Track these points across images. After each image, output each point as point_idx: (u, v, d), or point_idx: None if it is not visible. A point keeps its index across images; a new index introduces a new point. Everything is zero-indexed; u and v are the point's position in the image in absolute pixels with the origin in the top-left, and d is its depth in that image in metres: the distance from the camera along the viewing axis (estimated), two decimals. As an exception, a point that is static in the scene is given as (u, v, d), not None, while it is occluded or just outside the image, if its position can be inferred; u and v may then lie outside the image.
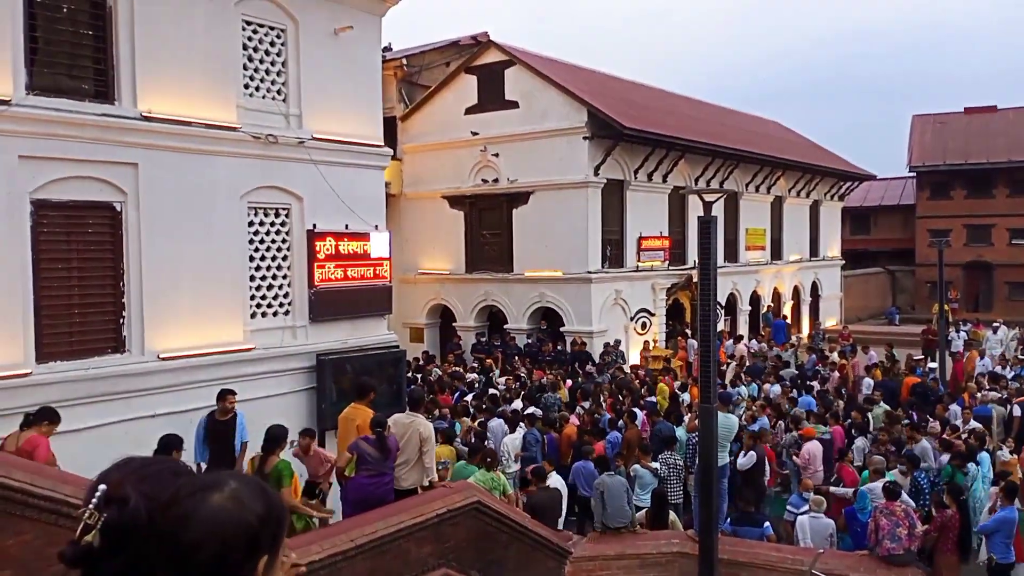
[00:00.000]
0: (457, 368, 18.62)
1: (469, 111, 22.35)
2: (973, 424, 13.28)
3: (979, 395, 15.63)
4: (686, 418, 13.48)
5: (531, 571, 9.04)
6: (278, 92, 11.86)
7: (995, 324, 24.76)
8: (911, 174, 42.19)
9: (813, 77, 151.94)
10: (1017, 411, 14.79)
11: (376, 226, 13.03)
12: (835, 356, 20.70)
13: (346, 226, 12.44)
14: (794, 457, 12.46)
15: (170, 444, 8.13)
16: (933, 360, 21.04)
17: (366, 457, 8.49)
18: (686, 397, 15.64)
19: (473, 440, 11.63)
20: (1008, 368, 19.41)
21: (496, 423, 13.13)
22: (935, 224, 39.52)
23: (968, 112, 43.05)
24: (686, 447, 12.04)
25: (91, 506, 1.46)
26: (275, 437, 8.22)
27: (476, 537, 8.52)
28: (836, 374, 18.58)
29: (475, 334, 22.29)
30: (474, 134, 22.04)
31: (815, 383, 17.37)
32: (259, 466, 8.04)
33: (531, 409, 13.87)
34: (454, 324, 23.05)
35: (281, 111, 11.85)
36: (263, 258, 11.71)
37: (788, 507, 10.93)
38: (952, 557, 9.05)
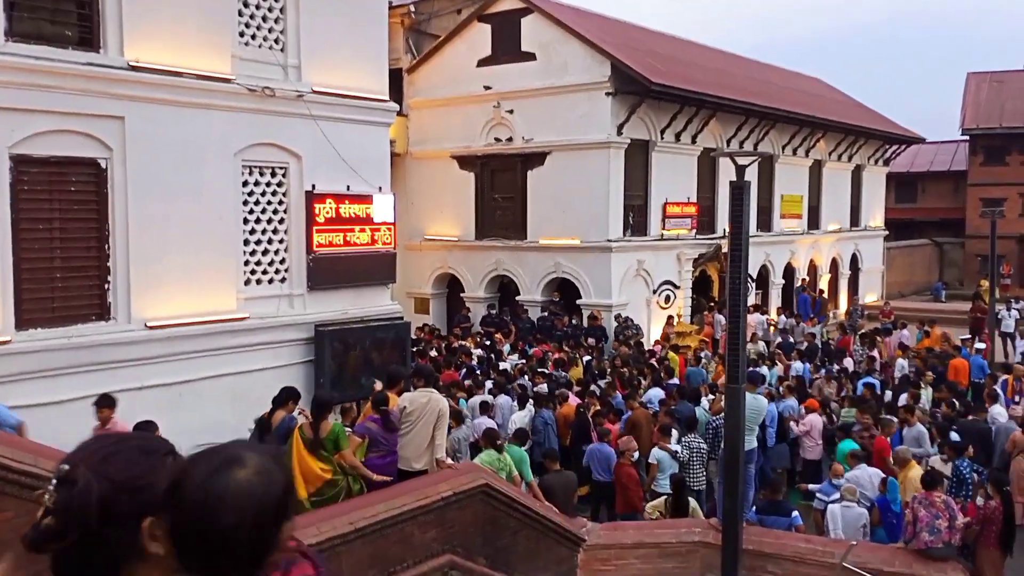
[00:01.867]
0: (464, 342, 18.71)
1: (482, 63, 22.19)
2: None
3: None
4: (704, 399, 13.54)
5: (541, 559, 9.15)
6: (276, 41, 11.82)
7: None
8: (964, 137, 41.66)
9: (860, 31, 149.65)
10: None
11: (380, 188, 13.04)
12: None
13: (347, 187, 12.46)
14: (793, 424, 12.61)
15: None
16: (981, 340, 20.93)
17: (378, 439, 8.61)
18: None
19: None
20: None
21: (504, 400, 13.22)
22: (988, 192, 39.08)
23: (1028, 70, 42.38)
24: (706, 429, 12.09)
25: (51, 487, 1.48)
26: (325, 403, 8.46)
27: (483, 522, 8.61)
28: (873, 354, 18.53)
29: (485, 306, 22.34)
30: (487, 88, 21.90)
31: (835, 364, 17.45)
32: (314, 432, 8.20)
33: (540, 387, 13.93)
34: (462, 295, 23.10)
35: (279, 62, 11.82)
36: (258, 221, 11.76)
37: (818, 495, 10.97)
38: (995, 551, 9.08)
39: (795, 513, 10.03)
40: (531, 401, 13.06)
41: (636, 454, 11.54)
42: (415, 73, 23.55)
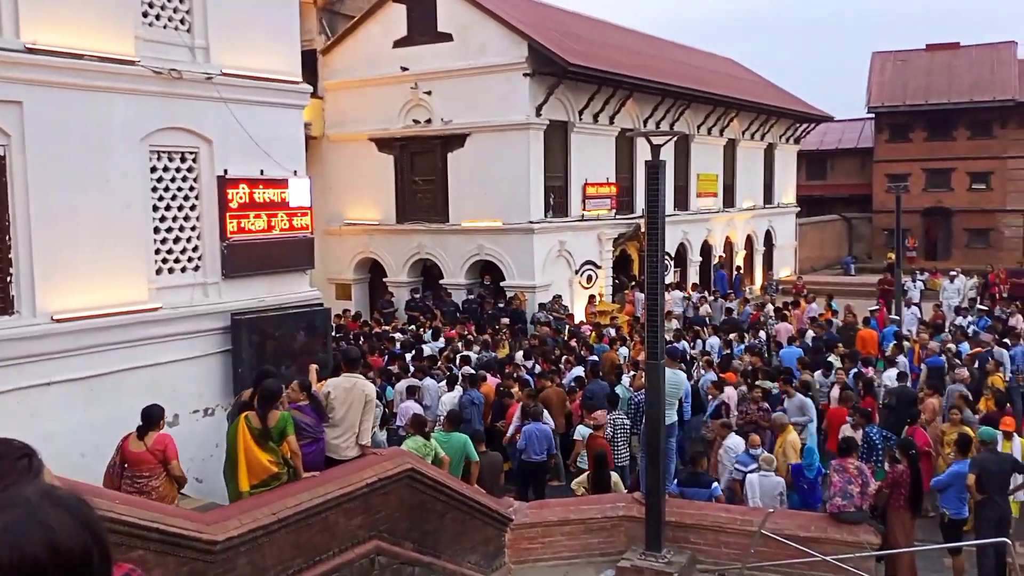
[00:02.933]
0: (387, 328, 18.57)
1: (398, 44, 21.95)
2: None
3: (930, 346, 16.25)
4: (625, 376, 13.79)
5: (469, 540, 9.20)
6: (181, 22, 11.43)
7: (952, 273, 25.72)
8: (870, 115, 43.11)
9: (769, 10, 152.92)
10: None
11: (295, 172, 12.77)
12: (769, 308, 21.42)
13: (261, 172, 12.17)
14: (710, 396, 12.95)
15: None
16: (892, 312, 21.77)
17: (302, 426, 8.43)
18: (623, 351, 15.97)
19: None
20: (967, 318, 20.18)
21: (430, 382, 13.22)
22: (893, 168, 40.59)
23: (930, 49, 43.96)
24: (628, 405, 12.32)
25: None
26: (273, 392, 8.18)
27: (410, 507, 8.60)
28: (785, 324, 19.14)
29: (408, 290, 22.20)
30: (404, 70, 21.67)
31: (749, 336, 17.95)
32: (262, 423, 7.95)
33: (466, 369, 13.98)
34: (385, 280, 22.91)
35: (185, 43, 11.44)
36: (168, 208, 11.40)
37: (736, 465, 11.28)
38: (905, 513, 9.47)
39: (715, 484, 10.31)
40: (460, 381, 13.10)
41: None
42: (330, 54, 23.14)
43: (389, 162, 22.57)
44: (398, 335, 17.61)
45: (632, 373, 13.69)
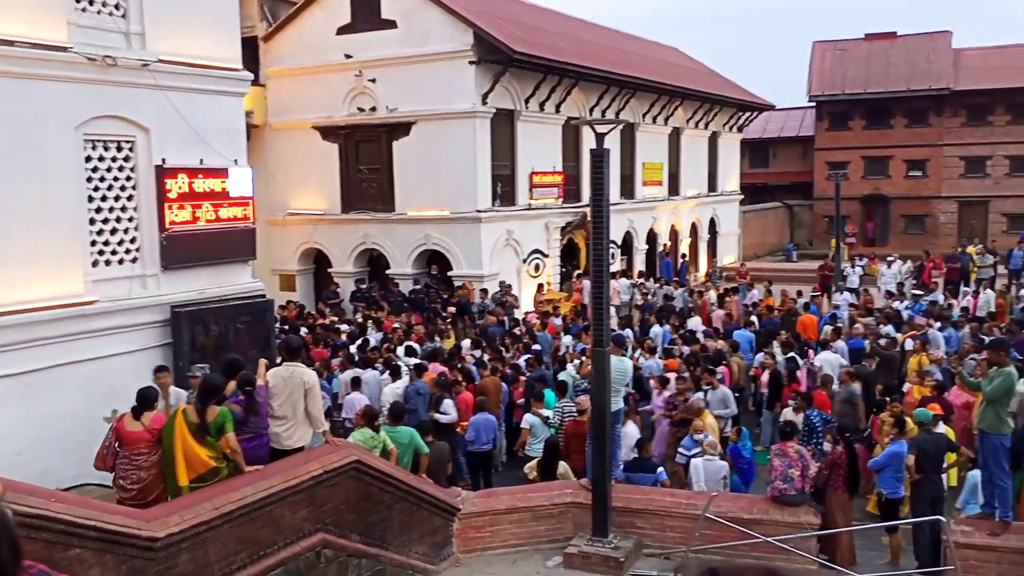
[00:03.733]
0: (333, 319, 18.39)
1: (341, 31, 21.67)
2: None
3: (856, 328, 16.69)
4: (570, 363, 13.89)
5: (417, 531, 9.19)
6: (116, 7, 11.15)
7: (889, 258, 26.37)
8: (810, 104, 43.87)
9: (711, 1, 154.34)
10: (909, 344, 15.91)
11: (236, 161, 12.57)
12: (711, 295, 21.81)
13: (201, 161, 11.95)
14: (652, 381, 13.10)
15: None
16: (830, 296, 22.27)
17: (239, 419, 8.30)
18: (567, 340, 16.03)
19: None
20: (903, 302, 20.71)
21: (370, 374, 13.15)
22: (833, 156, 41.39)
23: (868, 38, 44.83)
24: (575, 393, 12.40)
25: None
26: (213, 386, 8.03)
27: (357, 499, 8.56)
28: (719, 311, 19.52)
29: (354, 281, 22.02)
30: (347, 57, 21.41)
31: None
32: (200, 417, 7.79)
33: (413, 361, 13.93)
34: (330, 270, 22.68)
35: (120, 29, 11.16)
36: (104, 198, 11.14)
37: (680, 450, 11.44)
38: (843, 495, 9.73)
39: (660, 469, 10.45)
40: (405, 372, 13.05)
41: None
42: (271, 41, 22.75)
43: (333, 151, 22.31)
44: (343, 326, 17.45)
45: (577, 361, 13.81)
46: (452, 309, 18.79)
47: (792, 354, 14.69)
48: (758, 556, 9.03)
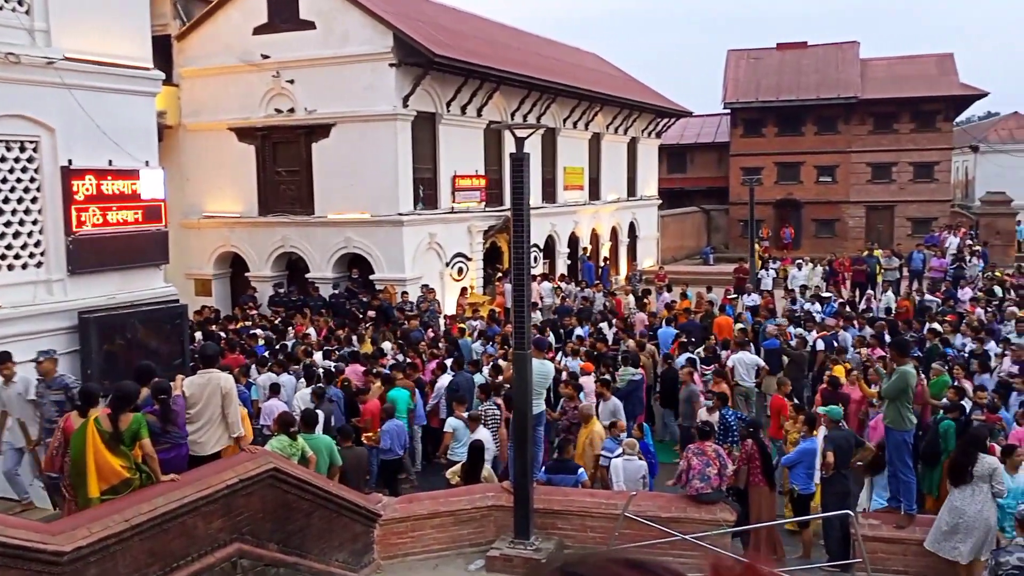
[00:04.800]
0: (245, 324, 18.01)
1: (258, 31, 21.26)
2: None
3: (768, 329, 17.18)
4: (485, 368, 13.94)
5: (337, 538, 9.06)
6: (19, 2, 10.72)
7: (799, 261, 27.24)
8: (726, 111, 44.95)
9: (633, 8, 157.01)
10: (820, 345, 16.45)
11: (147, 162, 12.21)
12: (630, 298, 22.17)
13: (110, 162, 11.57)
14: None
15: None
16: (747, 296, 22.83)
17: (154, 429, 8.04)
18: (478, 345, 16.06)
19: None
20: (812, 304, 21.37)
21: (287, 378, 12.94)
22: (748, 162, 42.48)
23: (780, 48, 46.26)
24: (502, 395, 12.42)
25: None
26: (127, 394, 7.70)
27: (274, 507, 8.39)
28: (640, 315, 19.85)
29: (272, 285, 21.61)
30: (265, 57, 21.03)
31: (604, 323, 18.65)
32: (113, 426, 7.46)
33: (326, 364, 13.78)
34: (247, 274, 22.21)
35: (23, 25, 10.73)
36: (7, 200, 10.70)
37: (602, 451, 11.58)
38: (764, 488, 9.99)
39: (581, 470, 10.54)
40: (320, 377, 12.88)
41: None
42: (185, 40, 22.18)
43: (250, 152, 21.86)
44: (259, 331, 17.12)
45: (490, 364, 13.92)
46: (372, 313, 18.62)
47: (688, 354, 15.06)
48: (676, 554, 9.19)
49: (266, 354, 14.71)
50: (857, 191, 42.65)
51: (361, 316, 18.59)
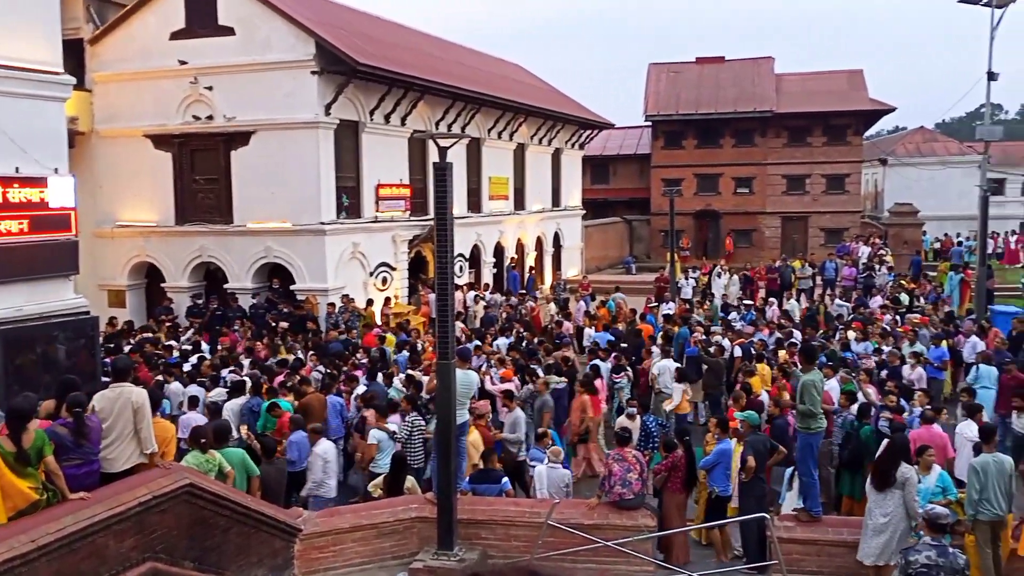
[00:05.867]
0: (158, 335, 17.53)
1: (176, 36, 20.78)
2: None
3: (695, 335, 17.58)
4: (396, 378, 13.89)
5: (255, 554, 8.87)
6: (-85, 0, 10.26)
7: (717, 270, 27.89)
8: (647, 123, 45.76)
9: (557, 21, 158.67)
10: (738, 351, 16.85)
11: (57, 169, 11.80)
12: (551, 307, 22.43)
13: (16, 169, 11.14)
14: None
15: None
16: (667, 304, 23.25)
17: (68, 445, 7.72)
18: (402, 357, 15.95)
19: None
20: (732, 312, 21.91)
21: (195, 390, 12.69)
22: (669, 173, 43.32)
23: (699, 62, 47.39)
24: (427, 406, 12.36)
25: None
26: (24, 411, 7.35)
27: (190, 524, 8.17)
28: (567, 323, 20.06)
29: (190, 296, 21.08)
30: (182, 63, 20.56)
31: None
32: (16, 446, 7.06)
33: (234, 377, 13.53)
34: (163, 285, 21.62)
35: (-80, 24, 10.26)
36: (-98, 208, 10.19)
37: (529, 459, 11.63)
38: (680, 496, 10.18)
39: (504, 479, 10.55)
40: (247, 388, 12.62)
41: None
42: (99, 44, 21.53)
43: (167, 160, 21.31)
44: (173, 343, 16.68)
45: (403, 376, 13.88)
46: (284, 324, 18.29)
47: (595, 362, 15.32)
48: (599, 560, 9.28)
49: (185, 367, 14.33)
50: (773, 202, 43.90)
51: (274, 326, 18.26)
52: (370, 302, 21.49)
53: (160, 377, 13.07)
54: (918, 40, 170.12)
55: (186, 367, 14.48)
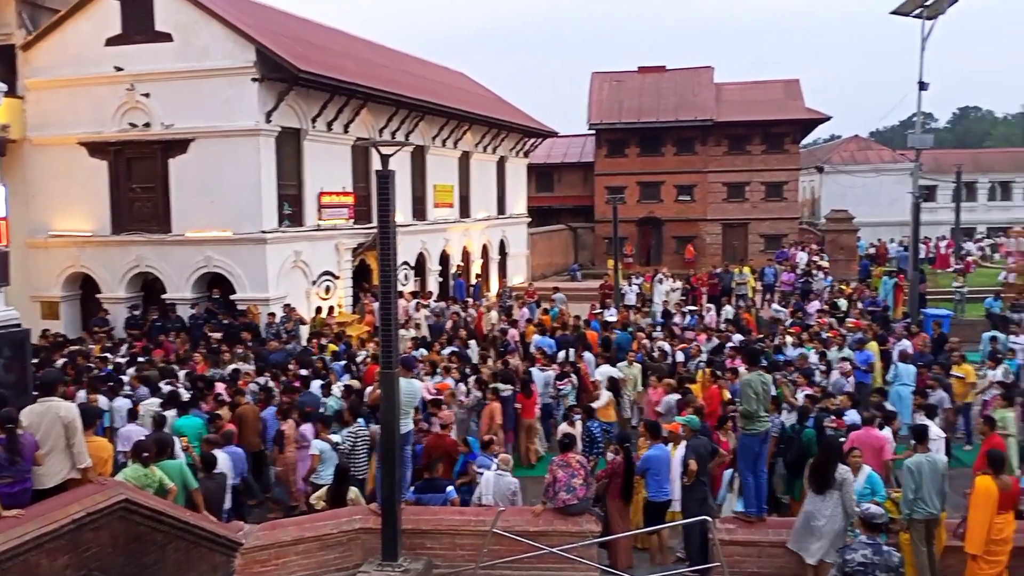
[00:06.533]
0: (91, 348, 17.08)
1: (111, 42, 20.38)
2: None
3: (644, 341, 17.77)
4: (335, 387, 13.77)
5: (194, 570, 8.66)
6: None
7: (659, 277, 28.24)
8: (591, 132, 46.16)
9: (502, 27, 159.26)
10: (680, 356, 17.06)
11: (-15, 178, 11.43)
12: (492, 314, 22.50)
13: (-58, 178, 10.77)
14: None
15: None
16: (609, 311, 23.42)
17: (0, 463, 7.45)
18: (338, 366, 15.81)
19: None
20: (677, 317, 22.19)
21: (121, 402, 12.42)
22: (612, 181, 43.77)
23: (641, 71, 48.01)
24: (372, 416, 12.22)
25: None
26: None
27: (126, 541, 7.95)
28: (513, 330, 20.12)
29: (127, 307, 20.60)
30: (118, 70, 20.15)
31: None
32: None
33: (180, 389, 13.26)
34: (99, 296, 21.09)
35: None
36: None
37: (476, 467, 11.56)
38: (619, 501, 10.23)
39: (450, 488, 10.49)
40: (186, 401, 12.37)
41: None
42: (32, 50, 21.01)
43: (102, 168, 20.83)
44: (108, 355, 16.28)
45: (342, 385, 13.77)
46: (216, 336, 17.98)
47: (531, 369, 15.45)
48: (544, 568, 9.28)
49: (123, 378, 13.98)
50: (714, 209, 44.60)
51: (209, 338, 17.93)
52: (319, 310, 21.33)
53: (83, 392, 12.70)
54: (853, 51, 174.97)
55: (124, 379, 14.15)
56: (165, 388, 13.26)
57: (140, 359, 15.94)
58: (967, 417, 15.27)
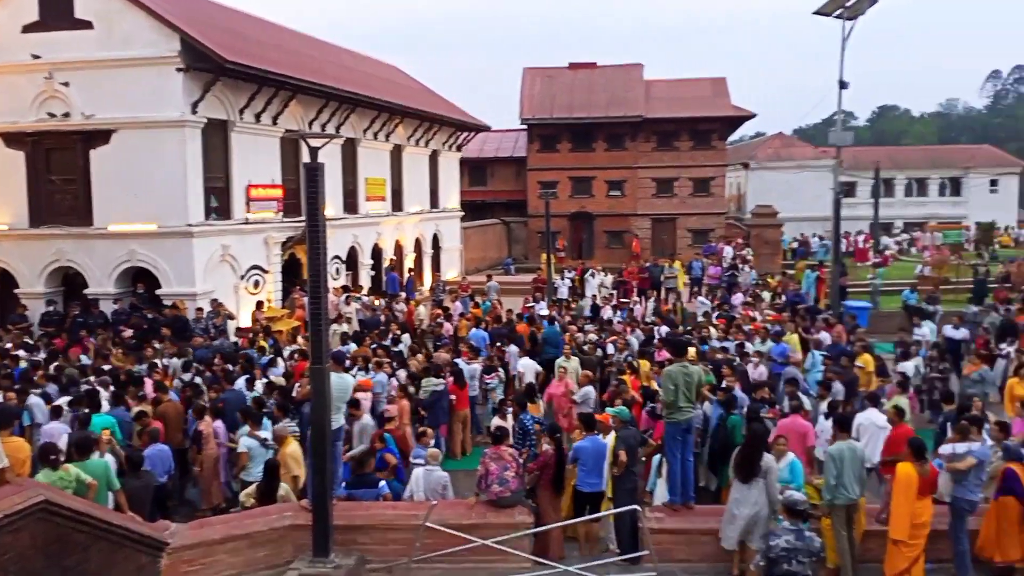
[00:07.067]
0: (8, 346, 16.47)
1: (28, 29, 19.62)
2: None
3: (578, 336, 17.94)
4: (258, 382, 13.59)
5: (118, 571, 8.42)
6: None
7: (591, 271, 28.53)
8: (523, 127, 46.29)
9: (434, 23, 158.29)
10: (611, 349, 17.26)
11: None
12: (421, 309, 22.50)
13: None
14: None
15: None
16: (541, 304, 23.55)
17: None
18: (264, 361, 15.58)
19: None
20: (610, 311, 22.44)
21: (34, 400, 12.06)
22: (544, 176, 43.97)
23: (573, 67, 48.30)
24: (300, 413, 12.08)
25: None
26: None
27: (46, 543, 7.68)
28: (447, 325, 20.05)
29: (45, 302, 19.88)
30: (35, 58, 19.41)
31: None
32: None
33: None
34: (16, 291, 20.31)
35: None
36: None
37: (411, 459, 11.50)
38: (550, 492, 10.29)
39: (382, 483, 10.42)
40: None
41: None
42: (-59, 36, 20.03)
43: (19, 159, 20.04)
44: (22, 352, 15.71)
45: (264, 380, 13.62)
46: (129, 332, 17.52)
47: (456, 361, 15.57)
48: (477, 560, 9.29)
49: (33, 379, 13.51)
50: (644, 204, 45.20)
51: (122, 334, 17.46)
52: (260, 304, 20.98)
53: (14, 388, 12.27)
54: (777, 50, 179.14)
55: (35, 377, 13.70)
56: (84, 387, 12.87)
57: (59, 356, 15.45)
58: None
